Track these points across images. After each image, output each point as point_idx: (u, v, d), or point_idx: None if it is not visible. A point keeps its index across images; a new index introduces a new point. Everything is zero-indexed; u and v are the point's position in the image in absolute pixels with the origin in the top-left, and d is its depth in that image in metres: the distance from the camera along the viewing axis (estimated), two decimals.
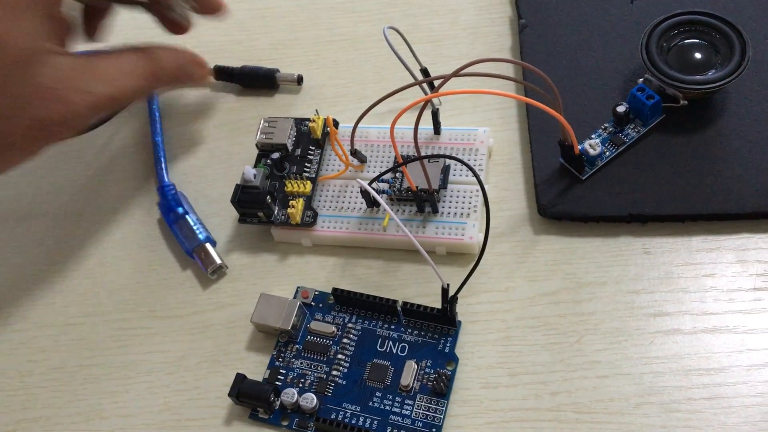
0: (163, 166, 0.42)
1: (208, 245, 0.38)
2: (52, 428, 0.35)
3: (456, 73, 0.32)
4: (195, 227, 0.39)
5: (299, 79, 0.43)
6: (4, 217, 0.42)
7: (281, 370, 0.34)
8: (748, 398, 0.31)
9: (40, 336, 0.38)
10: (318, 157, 0.39)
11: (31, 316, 0.38)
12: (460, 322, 0.35)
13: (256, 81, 0.44)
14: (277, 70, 0.44)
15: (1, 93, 0.31)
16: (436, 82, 0.34)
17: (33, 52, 0.31)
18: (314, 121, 0.39)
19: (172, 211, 0.40)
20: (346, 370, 0.34)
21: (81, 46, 0.38)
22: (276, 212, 0.38)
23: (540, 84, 0.33)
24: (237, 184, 0.37)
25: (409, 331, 0.35)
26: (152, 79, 0.36)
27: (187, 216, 0.39)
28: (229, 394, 0.33)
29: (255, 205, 0.37)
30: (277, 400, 0.34)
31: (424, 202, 0.36)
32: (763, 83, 0.37)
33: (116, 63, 0.35)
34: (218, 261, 0.38)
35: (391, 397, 0.33)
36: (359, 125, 0.37)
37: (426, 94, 0.38)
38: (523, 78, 0.41)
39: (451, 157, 0.34)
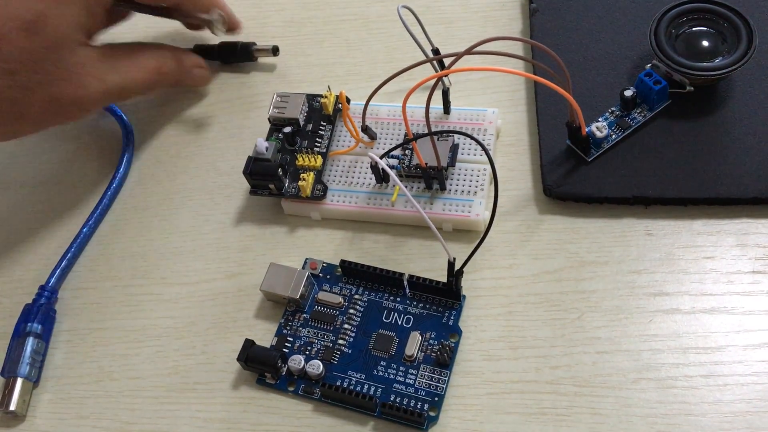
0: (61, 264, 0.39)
1: (20, 382, 0.35)
2: (62, 388, 0.36)
3: (469, 51, 0.33)
4: (27, 357, 0.35)
5: (275, 50, 0.44)
6: (22, 182, 0.43)
7: (288, 338, 0.35)
8: (743, 377, 0.32)
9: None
10: (329, 133, 0.40)
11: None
12: (464, 296, 0.35)
13: (234, 55, 0.45)
14: (254, 43, 0.45)
15: (33, 68, 0.34)
16: (449, 60, 0.35)
17: (68, 39, 0.36)
18: (326, 97, 0.40)
19: (28, 322, 0.36)
20: (352, 339, 0.35)
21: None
22: (287, 185, 0.38)
23: (550, 66, 0.34)
24: (249, 156, 0.38)
25: (415, 303, 0.35)
26: (158, 74, 0.40)
27: (32, 339, 0.36)
28: (238, 359, 0.34)
29: (266, 177, 0.38)
30: (284, 366, 0.34)
31: (433, 179, 0.37)
32: (767, 72, 0.38)
33: (130, 58, 0.39)
34: (12, 408, 0.34)
35: (395, 366, 0.34)
36: (371, 104, 0.37)
37: (438, 72, 0.39)
38: (532, 59, 0.42)
39: (461, 133, 0.35)
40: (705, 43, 0.37)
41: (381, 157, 0.36)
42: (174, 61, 0.41)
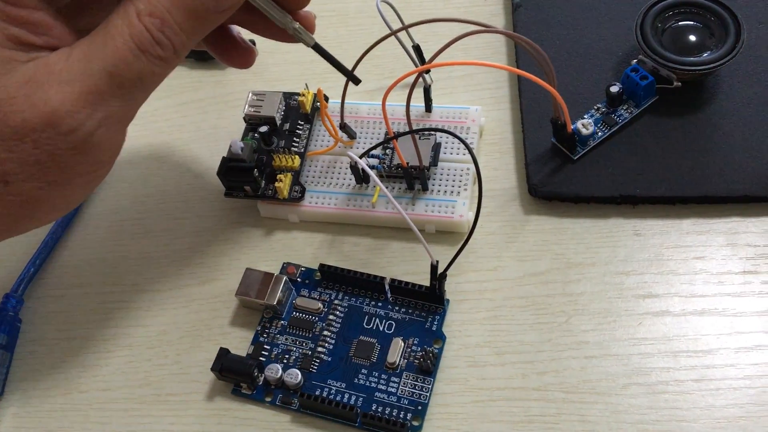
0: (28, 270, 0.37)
1: None
2: (28, 401, 0.35)
3: (449, 45, 0.32)
4: None
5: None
6: None
7: (265, 346, 0.34)
8: (735, 380, 0.31)
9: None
10: (307, 132, 0.39)
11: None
12: (448, 300, 0.34)
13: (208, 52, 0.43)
14: None
15: None
16: (429, 56, 0.34)
17: None
18: (303, 95, 0.39)
19: None
20: (331, 346, 0.34)
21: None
22: (263, 186, 0.37)
23: (536, 59, 0.33)
24: (223, 157, 0.37)
25: (397, 308, 0.34)
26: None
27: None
28: (212, 369, 0.33)
29: (241, 178, 0.36)
30: (261, 375, 0.33)
31: (414, 179, 0.36)
32: (756, 67, 0.37)
33: (93, 34, 0.27)
34: None
35: (376, 374, 0.33)
36: (350, 102, 0.36)
37: (416, 64, 0.37)
38: (516, 57, 0.41)
39: (443, 131, 0.34)
40: (692, 38, 0.37)
41: (360, 157, 0.34)
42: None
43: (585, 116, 0.37)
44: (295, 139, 0.38)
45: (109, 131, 0.27)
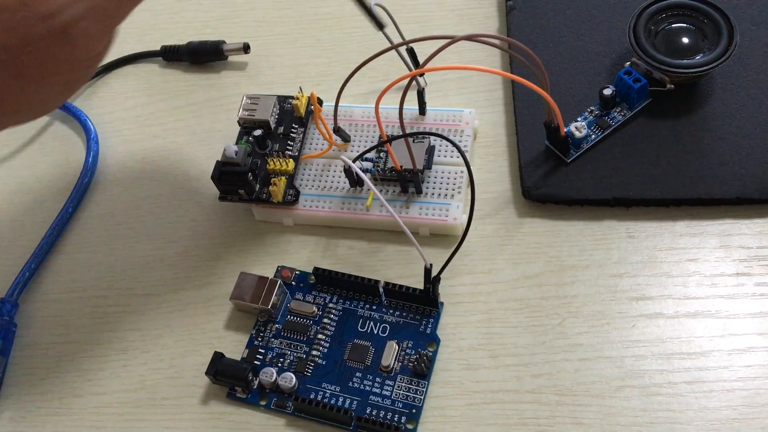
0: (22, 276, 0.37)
1: None
2: (23, 406, 0.35)
3: (441, 49, 0.32)
4: None
5: (245, 47, 0.43)
6: None
7: (260, 350, 0.34)
8: (729, 383, 0.31)
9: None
10: (301, 135, 0.39)
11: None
12: (442, 303, 0.34)
13: (204, 55, 0.44)
14: (224, 42, 0.44)
15: None
16: (423, 59, 0.34)
17: None
18: (298, 98, 0.39)
19: None
20: (326, 350, 0.34)
21: None
22: (257, 190, 0.37)
23: (527, 65, 0.33)
24: (218, 161, 0.37)
25: (391, 311, 0.34)
26: None
27: None
28: (207, 373, 0.33)
29: (236, 182, 0.36)
30: (256, 379, 0.33)
31: (408, 182, 0.36)
32: (749, 69, 0.37)
33: None
34: None
35: (371, 377, 0.33)
36: (344, 105, 0.36)
37: (409, 67, 0.37)
38: (510, 59, 0.41)
39: (436, 135, 0.34)
40: (685, 40, 0.37)
41: (354, 160, 0.35)
42: None
43: (578, 119, 0.37)
44: (289, 142, 0.38)
45: (92, 26, 0.25)
